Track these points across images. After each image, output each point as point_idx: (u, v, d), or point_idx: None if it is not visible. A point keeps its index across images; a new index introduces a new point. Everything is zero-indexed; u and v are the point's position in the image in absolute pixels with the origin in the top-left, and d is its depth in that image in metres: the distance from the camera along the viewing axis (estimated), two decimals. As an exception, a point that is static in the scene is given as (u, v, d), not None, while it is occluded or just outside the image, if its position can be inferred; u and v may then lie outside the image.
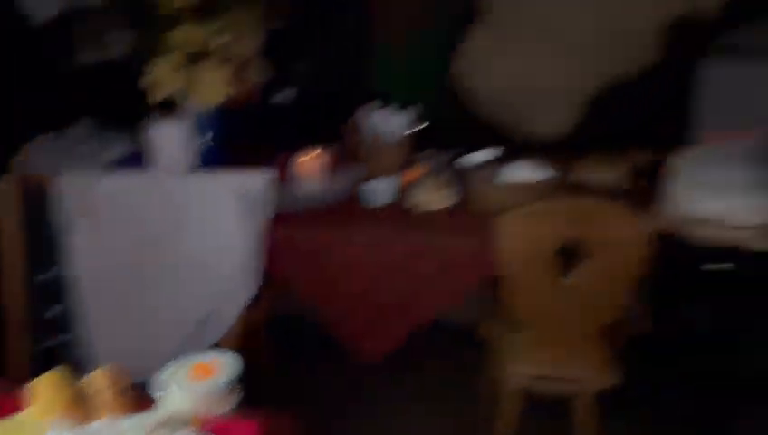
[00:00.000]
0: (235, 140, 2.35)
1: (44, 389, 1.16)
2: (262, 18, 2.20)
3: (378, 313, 2.07)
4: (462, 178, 2.18)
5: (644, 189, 2.16)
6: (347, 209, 2.19)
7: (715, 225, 1.92)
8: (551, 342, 2.00)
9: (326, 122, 2.58)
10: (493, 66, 2.91)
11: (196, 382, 1.20)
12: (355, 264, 2.03)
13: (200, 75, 2.09)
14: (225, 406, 1.20)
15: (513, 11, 2.91)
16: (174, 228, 2.05)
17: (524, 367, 2.01)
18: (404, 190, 2.18)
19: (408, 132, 2.28)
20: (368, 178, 2.22)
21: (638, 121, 2.86)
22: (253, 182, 2.05)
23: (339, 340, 2.11)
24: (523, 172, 2.08)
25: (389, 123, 2.28)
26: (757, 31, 3.27)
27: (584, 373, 2.00)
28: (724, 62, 3.15)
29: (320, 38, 3.01)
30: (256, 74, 2.23)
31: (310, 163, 2.24)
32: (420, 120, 2.27)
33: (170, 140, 2.12)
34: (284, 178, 2.26)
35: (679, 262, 2.00)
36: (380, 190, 2.15)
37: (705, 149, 2.06)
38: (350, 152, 2.34)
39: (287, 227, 2.08)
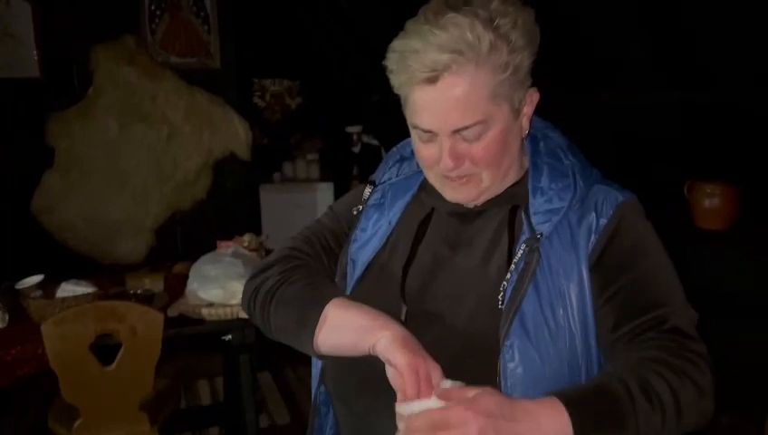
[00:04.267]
0: None
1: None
2: None
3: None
4: (18, 297, 2.60)
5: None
6: None
7: (218, 305, 2.64)
8: (101, 423, 2.46)
9: None
10: (67, 204, 3.43)
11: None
12: None
13: None
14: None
15: (81, 158, 3.51)
16: None
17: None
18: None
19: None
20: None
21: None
22: None
23: None
24: (70, 288, 2.59)
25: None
26: (295, 166, 4.40)
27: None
28: (275, 188, 4.24)
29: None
30: None
31: None
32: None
33: None
34: None
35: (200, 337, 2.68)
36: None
37: (211, 254, 2.81)
38: None
39: None
